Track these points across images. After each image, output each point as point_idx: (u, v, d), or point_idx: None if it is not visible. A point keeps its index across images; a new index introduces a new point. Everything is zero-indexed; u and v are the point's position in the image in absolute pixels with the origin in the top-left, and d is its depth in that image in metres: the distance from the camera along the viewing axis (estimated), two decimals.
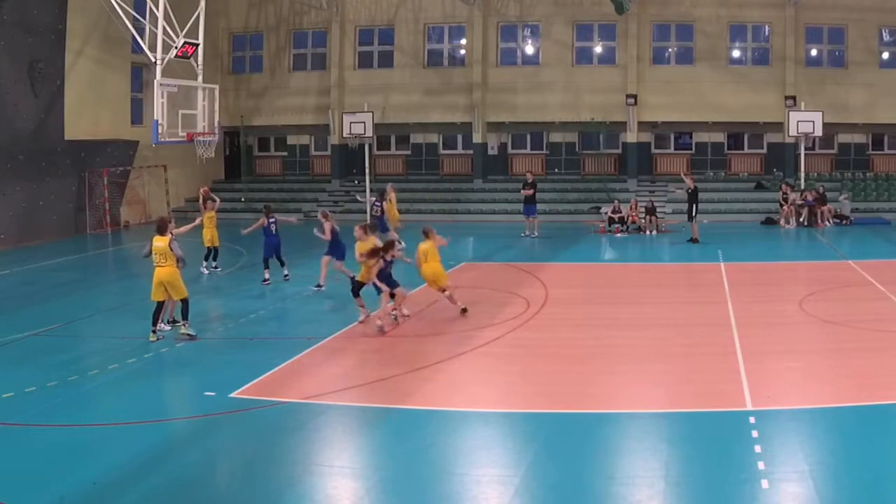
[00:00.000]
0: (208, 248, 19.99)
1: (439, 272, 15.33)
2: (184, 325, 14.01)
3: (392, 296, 14.38)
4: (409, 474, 8.60)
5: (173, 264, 13.63)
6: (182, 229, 15.80)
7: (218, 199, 21.05)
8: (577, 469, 8.56)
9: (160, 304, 13.91)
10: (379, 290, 14.40)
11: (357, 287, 14.65)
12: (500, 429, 9.94)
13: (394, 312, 14.80)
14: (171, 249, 13.55)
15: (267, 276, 18.79)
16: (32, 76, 26.05)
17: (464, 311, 15.25)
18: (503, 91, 34.21)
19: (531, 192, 26.98)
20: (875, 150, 33.31)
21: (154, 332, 13.86)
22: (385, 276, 14.34)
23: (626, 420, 10.00)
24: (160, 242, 13.59)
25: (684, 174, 26.97)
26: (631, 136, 33.40)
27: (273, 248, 18.84)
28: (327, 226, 17.73)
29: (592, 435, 9.52)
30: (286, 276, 18.96)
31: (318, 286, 17.90)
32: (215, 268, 20.17)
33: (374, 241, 14.71)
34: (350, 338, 14.02)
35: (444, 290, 15.38)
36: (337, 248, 17.82)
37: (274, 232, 18.79)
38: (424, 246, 15.17)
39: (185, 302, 13.98)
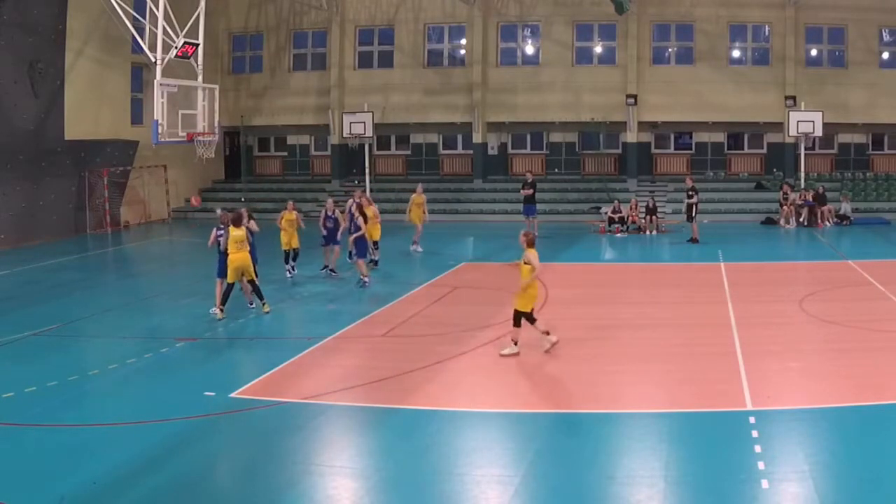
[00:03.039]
0: (286, 251, 19.43)
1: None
2: (263, 304, 15.66)
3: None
4: (409, 474, 8.60)
5: (247, 250, 15.36)
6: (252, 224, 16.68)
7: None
8: (577, 469, 8.56)
9: (230, 286, 15.42)
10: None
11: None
12: (500, 429, 9.94)
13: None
14: (249, 233, 15.55)
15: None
16: (32, 76, 26.04)
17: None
18: (503, 91, 34.19)
19: (531, 191, 26.91)
20: (875, 150, 33.31)
21: (221, 309, 15.38)
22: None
23: (626, 420, 10.00)
24: (237, 232, 15.29)
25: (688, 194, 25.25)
26: (631, 136, 33.36)
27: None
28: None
29: (592, 435, 9.53)
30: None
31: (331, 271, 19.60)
32: (293, 268, 19.60)
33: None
34: (350, 338, 14.02)
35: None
36: (332, 238, 19.36)
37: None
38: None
39: (253, 283, 15.60)
